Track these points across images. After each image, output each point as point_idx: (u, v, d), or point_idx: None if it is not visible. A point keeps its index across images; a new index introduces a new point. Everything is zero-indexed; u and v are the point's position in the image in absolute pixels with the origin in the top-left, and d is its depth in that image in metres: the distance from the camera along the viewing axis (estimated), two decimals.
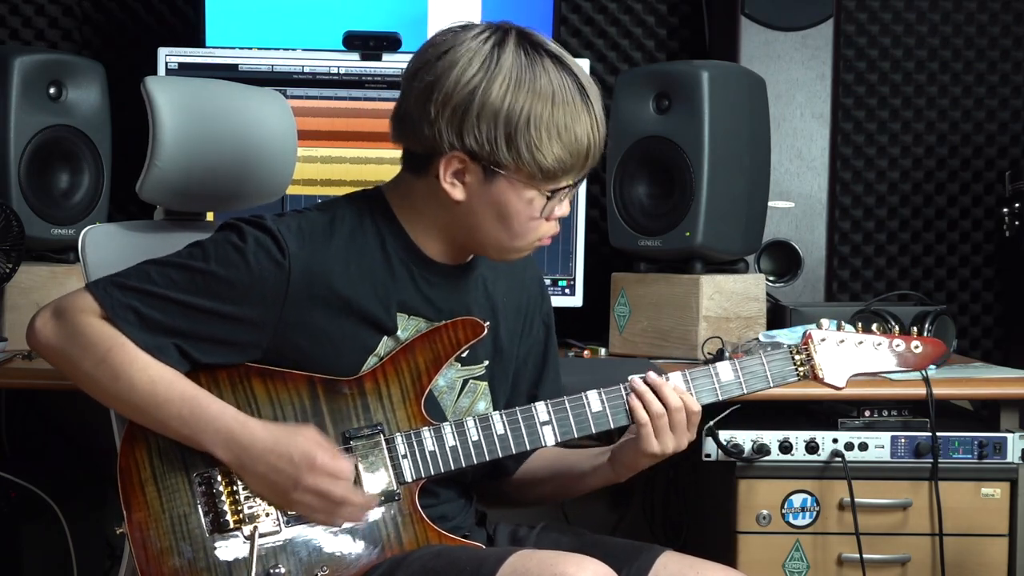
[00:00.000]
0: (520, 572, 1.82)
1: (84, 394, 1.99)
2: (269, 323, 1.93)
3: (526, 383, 2.17)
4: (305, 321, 1.94)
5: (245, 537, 1.92)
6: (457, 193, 1.94)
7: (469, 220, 1.96)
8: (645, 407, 2.00)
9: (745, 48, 3.25)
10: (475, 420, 1.99)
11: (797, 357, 2.09)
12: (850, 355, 2.11)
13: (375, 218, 2.00)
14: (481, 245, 1.99)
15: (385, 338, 1.99)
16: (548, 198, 1.93)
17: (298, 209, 2.02)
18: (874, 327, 2.17)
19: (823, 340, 2.10)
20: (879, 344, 2.13)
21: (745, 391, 2.07)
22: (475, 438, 1.99)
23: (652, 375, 2.02)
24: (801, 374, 2.09)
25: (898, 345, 2.13)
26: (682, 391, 2.02)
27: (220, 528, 1.92)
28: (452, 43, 1.92)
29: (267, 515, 1.93)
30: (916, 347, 2.14)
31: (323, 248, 1.96)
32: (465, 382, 2.06)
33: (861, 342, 2.12)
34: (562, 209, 1.98)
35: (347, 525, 1.95)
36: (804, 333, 2.11)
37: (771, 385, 2.08)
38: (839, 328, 2.12)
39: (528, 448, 2.01)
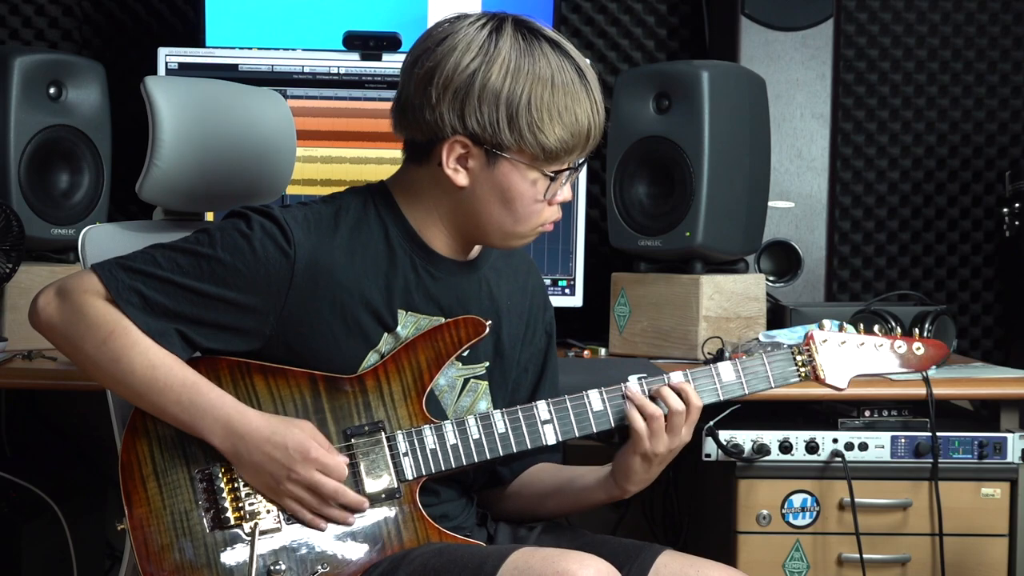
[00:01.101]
0: (522, 569, 1.82)
1: (84, 394, 2.00)
2: (273, 311, 1.94)
3: (525, 391, 2.17)
4: (308, 311, 1.95)
5: (246, 534, 1.93)
6: (460, 178, 1.95)
7: (473, 205, 1.97)
8: (640, 411, 2.00)
9: (745, 48, 3.25)
10: (476, 418, 2.00)
11: (799, 358, 2.09)
12: (852, 356, 2.11)
13: (379, 210, 2.01)
14: (485, 232, 1.99)
15: (386, 334, 1.99)
16: (551, 179, 1.95)
17: (303, 201, 2.03)
18: (876, 328, 2.17)
19: (825, 341, 2.10)
20: (881, 345, 2.13)
21: (747, 391, 2.07)
22: (476, 436, 1.99)
23: (657, 385, 2.02)
24: (803, 375, 2.09)
25: (900, 347, 2.13)
26: (684, 388, 2.02)
27: (221, 525, 1.93)
28: (450, 31, 1.94)
29: (268, 512, 1.93)
30: (918, 348, 2.14)
31: (328, 239, 1.96)
32: (466, 381, 2.06)
33: (863, 343, 2.12)
34: (564, 193, 1.99)
35: (337, 527, 1.95)
36: (806, 334, 2.11)
37: (773, 386, 2.08)
38: (841, 329, 2.12)
39: (529, 447, 2.01)
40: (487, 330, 2.01)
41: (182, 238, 1.96)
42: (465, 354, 2.04)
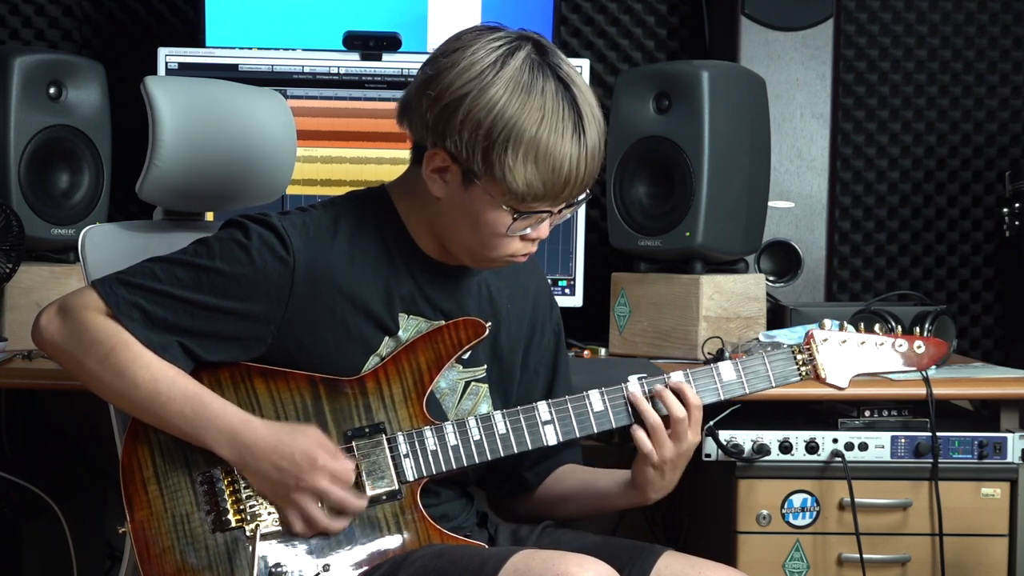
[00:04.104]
0: (523, 571, 1.82)
1: (84, 394, 1.99)
2: (274, 319, 1.94)
3: (538, 393, 2.16)
4: (309, 319, 1.95)
5: (247, 536, 1.93)
6: (437, 189, 1.94)
7: (447, 218, 1.96)
8: (642, 422, 2.00)
9: (745, 48, 3.25)
10: (477, 419, 2.00)
11: (799, 357, 2.09)
12: (852, 355, 2.11)
13: (377, 215, 2.01)
14: (457, 246, 1.99)
15: (387, 338, 1.99)
16: (515, 218, 1.91)
17: (302, 207, 2.03)
18: (876, 328, 2.17)
19: (825, 340, 2.10)
20: (881, 344, 2.13)
21: (747, 391, 2.07)
22: (477, 437, 1.99)
23: (658, 386, 2.01)
24: (803, 374, 2.09)
25: (900, 345, 2.13)
26: (683, 388, 2.01)
27: (222, 527, 1.93)
28: (465, 44, 1.91)
29: (269, 514, 1.93)
30: (919, 347, 2.14)
31: (327, 245, 1.96)
32: (467, 384, 2.06)
33: (863, 342, 2.12)
34: (537, 231, 1.95)
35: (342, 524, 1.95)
36: (806, 333, 2.11)
37: (773, 385, 2.08)
38: (842, 328, 2.12)
39: (530, 447, 2.01)
40: (487, 332, 2.01)
41: (180, 250, 1.96)
42: (465, 357, 2.04)
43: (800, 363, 2.09)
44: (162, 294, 1.91)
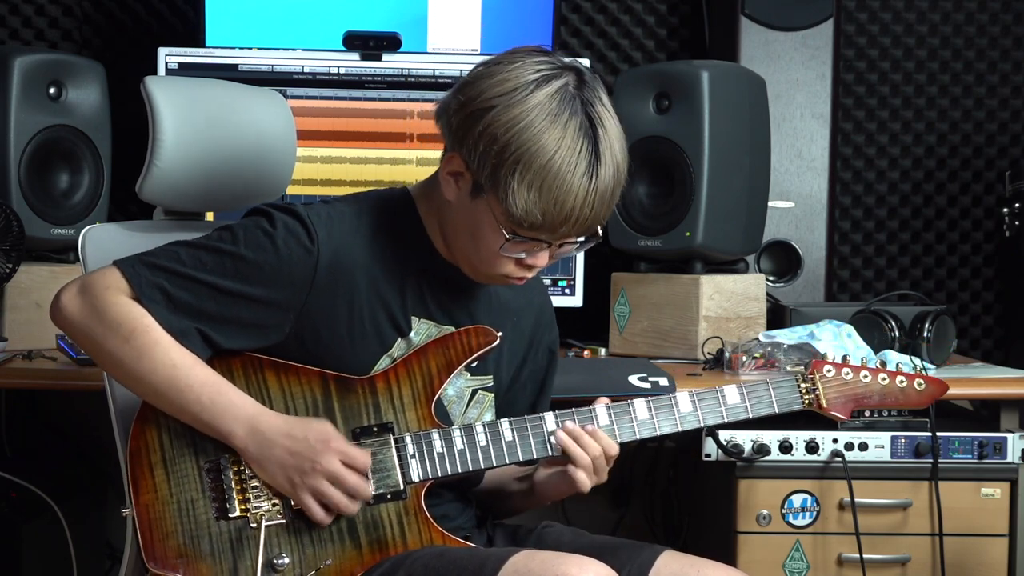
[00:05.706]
0: (523, 572, 1.82)
1: (84, 394, 2.00)
2: (294, 308, 1.95)
3: (521, 407, 2.16)
4: (327, 311, 1.96)
5: (251, 526, 1.93)
6: (449, 192, 1.95)
7: (453, 223, 1.97)
8: (581, 451, 1.99)
9: (745, 48, 3.25)
10: (484, 425, 2.00)
11: (803, 386, 2.11)
12: (854, 388, 2.13)
13: (398, 216, 2.02)
14: (458, 253, 1.99)
15: (399, 339, 2.00)
16: (508, 239, 1.91)
17: (325, 200, 2.03)
18: (879, 363, 2.19)
19: (830, 371, 2.12)
20: (884, 379, 2.14)
21: (751, 415, 2.08)
22: (483, 443, 1.99)
23: (569, 424, 2.00)
24: (806, 402, 2.12)
25: (902, 382, 2.15)
26: (601, 436, 2.00)
27: (227, 515, 1.94)
28: (510, 59, 1.91)
29: (274, 505, 1.94)
30: (919, 384, 2.17)
31: (350, 240, 1.97)
32: (474, 392, 2.07)
33: (866, 376, 2.14)
34: (534, 259, 1.95)
35: (342, 524, 1.95)
36: (811, 363, 2.14)
37: (776, 411, 2.10)
38: (844, 361, 2.14)
39: (535, 456, 2.01)
40: (497, 340, 2.01)
41: (204, 235, 1.97)
42: (474, 364, 2.04)
43: (803, 391, 2.11)
44: (186, 277, 1.92)
